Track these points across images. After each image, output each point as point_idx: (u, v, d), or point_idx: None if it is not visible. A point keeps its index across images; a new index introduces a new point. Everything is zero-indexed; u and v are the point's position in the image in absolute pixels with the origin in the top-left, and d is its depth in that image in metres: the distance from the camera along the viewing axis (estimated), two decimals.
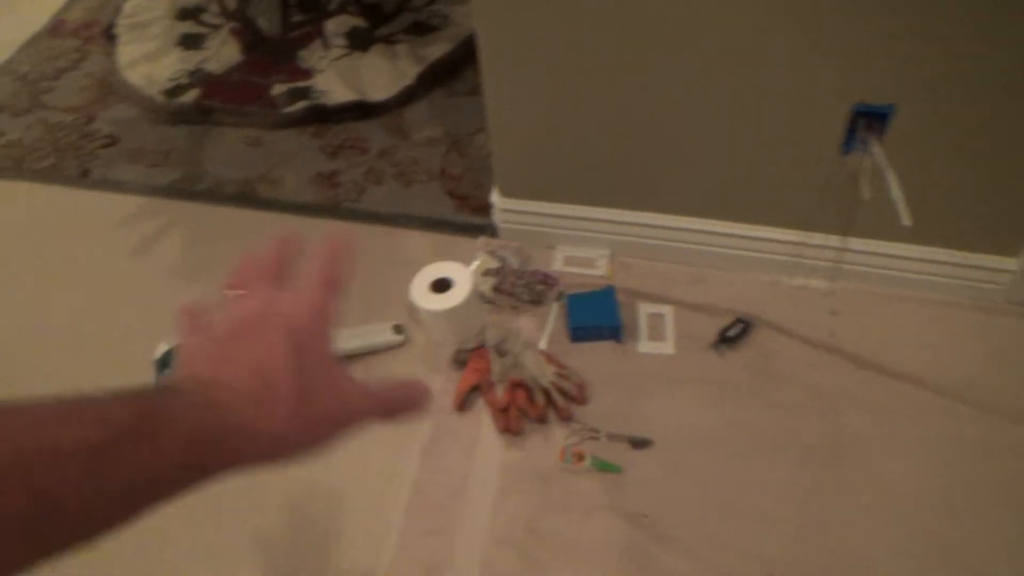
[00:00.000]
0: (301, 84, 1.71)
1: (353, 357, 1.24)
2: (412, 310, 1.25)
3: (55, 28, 1.99)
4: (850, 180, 1.12)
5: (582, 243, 1.35)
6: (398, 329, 1.26)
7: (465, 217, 1.44)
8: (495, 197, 1.34)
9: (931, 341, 1.20)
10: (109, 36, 1.92)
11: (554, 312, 1.27)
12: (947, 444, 1.09)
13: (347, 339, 1.23)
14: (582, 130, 1.18)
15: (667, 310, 1.26)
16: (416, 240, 1.42)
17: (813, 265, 1.26)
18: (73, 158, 1.63)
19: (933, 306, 1.24)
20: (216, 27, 1.87)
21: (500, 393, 1.14)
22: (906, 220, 1.00)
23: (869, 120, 1.05)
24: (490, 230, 1.40)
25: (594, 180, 1.26)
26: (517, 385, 1.15)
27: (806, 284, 1.28)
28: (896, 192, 1.00)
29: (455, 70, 1.72)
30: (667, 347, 1.21)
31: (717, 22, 0.99)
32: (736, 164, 1.17)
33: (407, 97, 1.67)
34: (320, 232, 1.40)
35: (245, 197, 1.52)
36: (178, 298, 1.35)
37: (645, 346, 1.22)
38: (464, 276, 1.21)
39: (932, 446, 1.09)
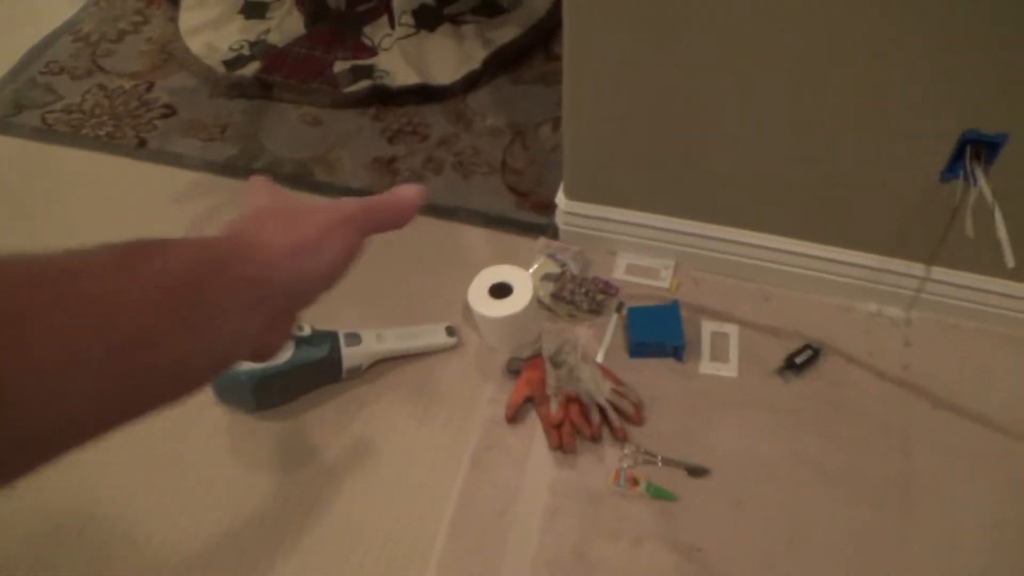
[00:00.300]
0: (364, 62, 1.66)
1: (403, 357, 1.21)
2: (467, 312, 1.22)
3: None
4: (943, 208, 1.04)
5: (645, 252, 1.30)
6: (451, 331, 1.23)
7: (525, 215, 1.39)
8: (560, 198, 1.29)
9: (1013, 381, 1.13)
10: None
11: (613, 323, 1.22)
12: (1022, 492, 1.03)
13: (398, 339, 1.20)
14: (658, 136, 1.12)
15: (732, 329, 1.20)
16: (474, 236, 1.38)
17: (890, 292, 1.19)
18: (130, 127, 1.62)
19: (1018, 344, 1.17)
20: None
21: (554, 408, 1.11)
22: (1010, 262, 0.93)
23: (976, 148, 0.97)
24: (551, 231, 1.35)
25: (665, 188, 1.20)
26: (572, 400, 1.11)
27: (880, 311, 1.21)
28: (1002, 231, 0.93)
29: (523, 56, 1.66)
30: (730, 369, 1.16)
31: (820, 38, 0.92)
32: (818, 182, 1.10)
33: (471, 82, 1.62)
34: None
35: (301, 178, 1.49)
36: None
37: (707, 367, 1.17)
38: (524, 282, 1.17)
39: (1005, 494, 1.03)
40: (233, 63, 1.69)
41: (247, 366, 1.11)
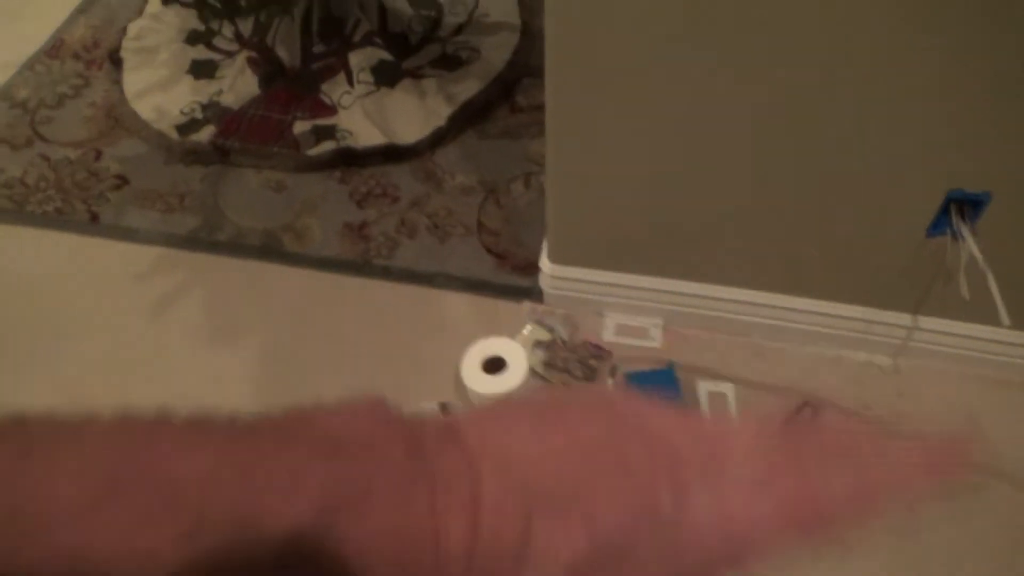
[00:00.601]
0: (325, 122, 1.61)
1: None
2: (459, 386, 1.18)
3: (55, 48, 1.87)
4: (931, 262, 1.06)
5: (633, 311, 1.28)
6: (445, 409, 1.18)
7: (506, 277, 1.36)
8: (543, 262, 1.27)
9: (1007, 426, 1.15)
10: (114, 60, 1.80)
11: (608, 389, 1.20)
12: (1014, 534, 1.05)
13: None
14: (644, 198, 1.11)
15: (728, 389, 1.20)
16: (456, 302, 1.34)
17: (879, 342, 1.21)
18: (80, 200, 1.52)
19: (1013, 388, 1.19)
20: (230, 54, 1.77)
21: None
22: (1006, 320, 0.94)
23: (960, 206, 0.99)
24: (534, 294, 1.33)
25: (651, 249, 1.19)
26: None
27: (871, 360, 1.22)
28: (995, 290, 0.94)
29: (486, 110, 1.64)
30: None
31: (805, 98, 0.93)
32: (805, 239, 1.11)
33: (438, 139, 1.58)
34: (352, 293, 1.34)
35: (270, 250, 1.43)
36: (201, 366, 1.27)
37: None
38: (518, 355, 1.14)
39: (998, 538, 1.05)
40: (186, 127, 1.62)
41: None
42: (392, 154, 1.56)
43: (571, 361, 1.21)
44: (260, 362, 1.28)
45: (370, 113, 1.62)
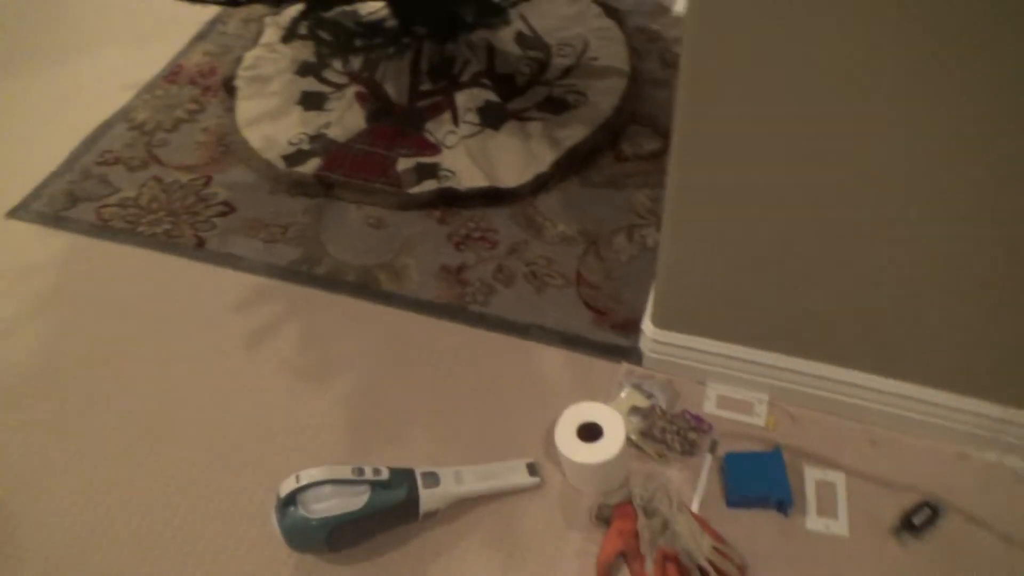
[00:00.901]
0: (428, 160, 1.62)
1: (481, 499, 1.13)
2: (548, 445, 1.14)
3: (174, 74, 1.94)
4: None
5: (737, 383, 1.22)
6: (532, 469, 1.15)
7: (604, 335, 1.32)
8: (647, 325, 1.22)
9: None
10: (228, 88, 1.86)
11: (707, 466, 1.14)
12: None
13: (478, 479, 1.12)
14: (760, 270, 1.05)
15: (838, 478, 1.12)
16: (550, 357, 1.30)
17: (1013, 443, 1.10)
18: (188, 225, 1.57)
19: None
20: (339, 87, 1.80)
21: (650, 568, 1.02)
22: None
23: None
24: (633, 355, 1.28)
25: (762, 322, 1.13)
26: (669, 559, 1.02)
27: (1001, 462, 1.12)
28: None
29: (591, 157, 1.61)
30: (840, 526, 1.07)
31: (932, 179, 0.85)
32: (928, 324, 1.02)
33: (540, 185, 1.56)
34: (445, 338, 1.32)
35: (366, 288, 1.43)
36: (296, 405, 1.27)
37: (814, 522, 1.08)
38: (615, 424, 1.09)
39: None
40: (293, 158, 1.65)
41: (321, 511, 1.03)
42: (493, 197, 1.55)
43: (669, 432, 1.15)
44: (350, 401, 1.27)
45: (473, 154, 1.61)
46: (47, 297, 1.47)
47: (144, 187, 1.66)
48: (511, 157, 1.60)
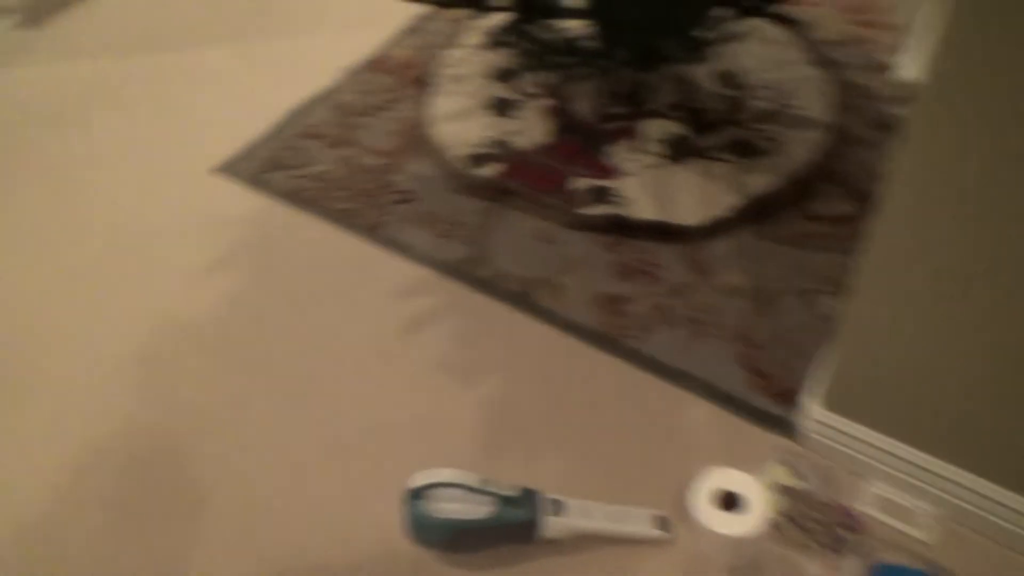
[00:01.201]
0: (604, 183, 1.60)
1: (601, 539, 1.10)
2: (679, 502, 1.10)
3: (379, 62, 2.05)
4: None
5: (901, 486, 1.11)
6: (662, 523, 1.10)
7: (759, 400, 1.25)
8: (810, 403, 1.14)
9: None
10: (425, 83, 1.94)
11: (851, 569, 1.05)
12: None
13: (605, 518, 1.10)
14: (956, 372, 0.95)
15: None
16: (697, 409, 1.25)
17: None
18: (368, 207, 1.64)
19: None
20: (530, 97, 1.82)
21: None
22: None
23: None
24: (786, 428, 1.20)
25: (954, 430, 1.02)
26: None
27: None
28: None
29: (775, 209, 1.53)
30: None
31: None
32: None
33: (716, 229, 1.51)
34: (592, 365, 1.31)
35: (524, 300, 1.44)
36: (432, 395, 1.30)
37: None
38: (758, 497, 1.03)
39: None
40: (476, 160, 1.69)
41: (449, 512, 1.05)
42: (663, 232, 1.51)
43: (816, 522, 1.07)
44: (488, 406, 1.28)
45: (651, 184, 1.58)
46: (235, 252, 1.59)
47: (336, 164, 1.76)
48: (689, 194, 1.56)
